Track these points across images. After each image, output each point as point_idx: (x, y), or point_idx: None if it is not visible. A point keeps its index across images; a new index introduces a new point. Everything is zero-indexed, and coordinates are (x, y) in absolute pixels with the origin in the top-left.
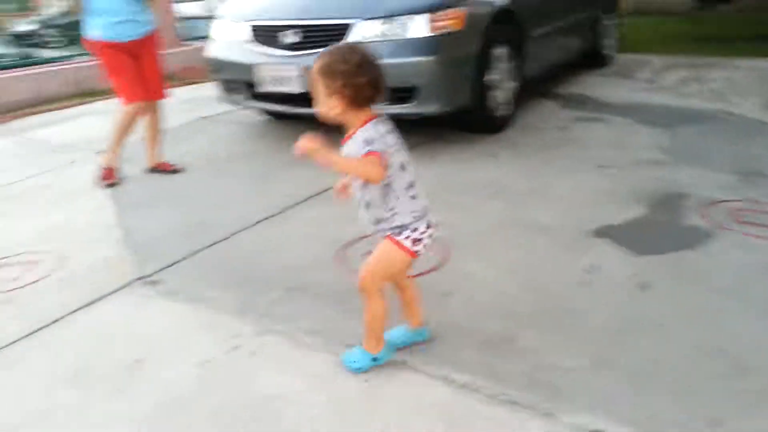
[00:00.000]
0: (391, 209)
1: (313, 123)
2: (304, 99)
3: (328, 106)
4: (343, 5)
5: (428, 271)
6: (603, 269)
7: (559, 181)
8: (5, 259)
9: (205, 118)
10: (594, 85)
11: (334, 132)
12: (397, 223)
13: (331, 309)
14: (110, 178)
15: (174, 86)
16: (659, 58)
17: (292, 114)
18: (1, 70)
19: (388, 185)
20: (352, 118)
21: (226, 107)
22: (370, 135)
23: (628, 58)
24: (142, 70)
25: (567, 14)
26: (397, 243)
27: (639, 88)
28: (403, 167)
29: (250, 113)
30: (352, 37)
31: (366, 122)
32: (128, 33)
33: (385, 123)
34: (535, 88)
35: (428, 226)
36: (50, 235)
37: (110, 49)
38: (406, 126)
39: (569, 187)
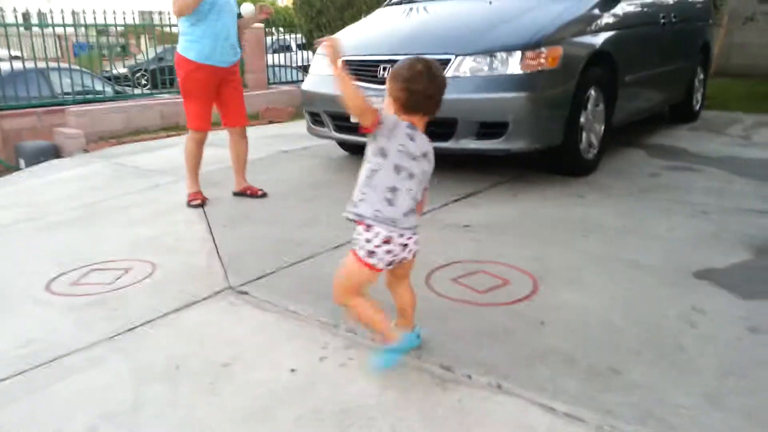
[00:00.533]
0: (363, 194)
1: None
2: None
3: (385, 105)
4: (440, 41)
5: (519, 300)
6: (709, 310)
7: (654, 221)
8: (99, 265)
9: (285, 152)
10: (683, 138)
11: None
12: (359, 210)
13: (424, 329)
14: (195, 199)
15: (258, 124)
16: (749, 116)
17: None
18: (98, 103)
19: (375, 171)
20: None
21: (306, 143)
22: (394, 116)
23: (714, 115)
24: (226, 97)
25: (664, 63)
26: (355, 255)
27: (731, 142)
28: (397, 169)
29: (329, 149)
30: (449, 72)
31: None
32: (228, 59)
33: (415, 129)
34: (621, 136)
35: (386, 241)
36: (143, 246)
37: (201, 72)
38: (486, 163)
39: (666, 228)
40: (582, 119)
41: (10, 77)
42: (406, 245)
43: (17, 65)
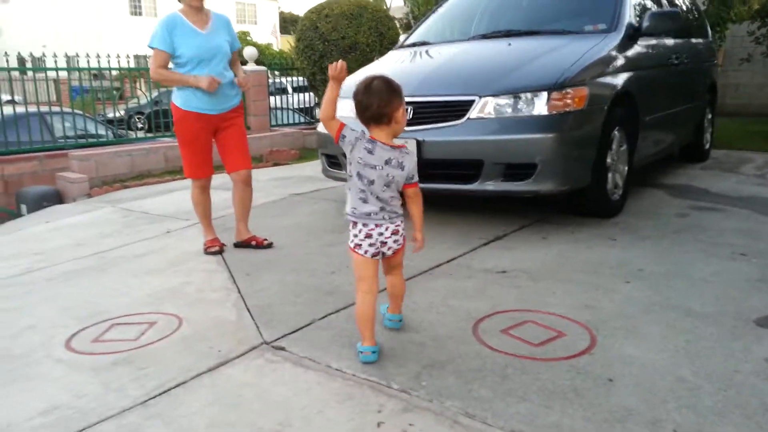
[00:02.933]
0: (348, 195)
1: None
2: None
3: None
4: (461, 82)
5: (579, 354)
6: None
7: (696, 265)
8: (121, 319)
9: (297, 194)
10: (699, 177)
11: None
12: (346, 209)
13: (483, 389)
14: (213, 246)
15: (264, 167)
16: (760, 155)
17: None
18: (100, 147)
19: (350, 177)
20: None
21: (317, 185)
22: (359, 132)
23: (723, 154)
24: (224, 141)
25: (678, 103)
26: (349, 247)
27: (747, 181)
28: (359, 177)
29: (341, 191)
30: (472, 113)
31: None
32: (220, 106)
33: (374, 143)
34: (639, 177)
35: (368, 236)
36: (164, 297)
37: (189, 120)
38: (508, 206)
39: (711, 272)
40: (608, 160)
41: (10, 121)
42: (385, 243)
43: (17, 109)
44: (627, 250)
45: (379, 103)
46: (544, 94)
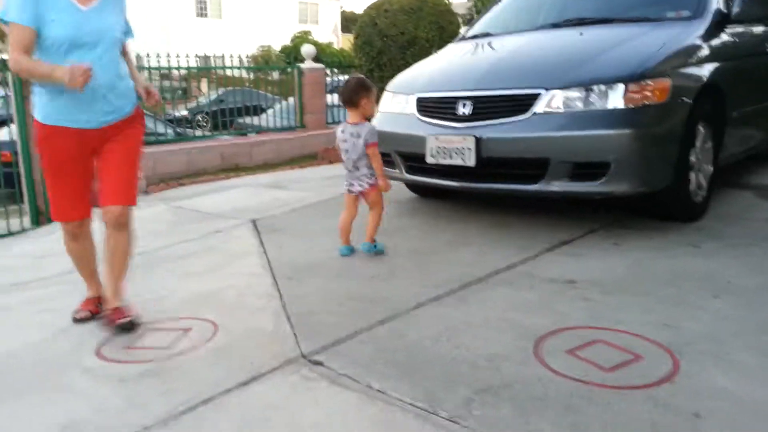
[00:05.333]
0: None
1: (473, 199)
2: (476, 173)
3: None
4: (526, 75)
5: (658, 383)
6: None
7: None
8: (156, 324)
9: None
10: None
11: None
12: None
13: (544, 422)
14: (83, 310)
15: (318, 164)
16: None
17: (452, 188)
18: (158, 145)
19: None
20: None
21: None
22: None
23: None
24: (102, 164)
25: None
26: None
27: None
28: (341, 149)
29: (397, 191)
30: (538, 107)
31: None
32: (101, 117)
33: (345, 124)
34: (725, 177)
35: (348, 184)
36: (203, 301)
37: (56, 139)
38: (568, 207)
39: None
40: (692, 158)
41: None
42: (351, 186)
43: None
44: (713, 259)
45: (349, 93)
46: (621, 86)
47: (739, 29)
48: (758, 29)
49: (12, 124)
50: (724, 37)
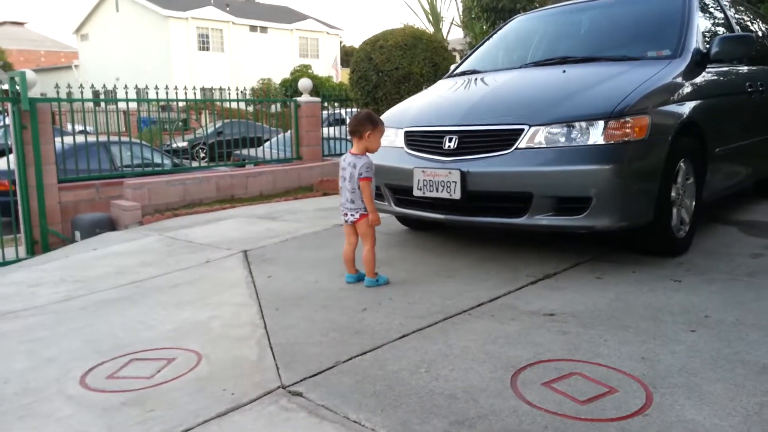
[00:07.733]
0: None
1: (462, 231)
2: (461, 206)
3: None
4: (510, 111)
5: (631, 415)
6: None
7: None
8: (141, 353)
9: (340, 225)
10: None
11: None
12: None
13: None
14: None
15: (313, 196)
16: None
17: (439, 221)
18: (156, 176)
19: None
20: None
21: None
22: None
23: None
24: None
25: (753, 134)
26: None
27: None
28: (341, 177)
29: (388, 223)
30: (521, 142)
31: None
32: None
33: (347, 155)
34: (709, 213)
35: (344, 215)
36: (189, 331)
37: None
38: (561, 242)
39: None
40: (673, 193)
41: (73, 150)
42: (345, 216)
43: (80, 139)
44: (693, 293)
45: (355, 124)
46: (601, 123)
47: (719, 69)
48: (737, 69)
49: (10, 153)
50: (704, 76)
